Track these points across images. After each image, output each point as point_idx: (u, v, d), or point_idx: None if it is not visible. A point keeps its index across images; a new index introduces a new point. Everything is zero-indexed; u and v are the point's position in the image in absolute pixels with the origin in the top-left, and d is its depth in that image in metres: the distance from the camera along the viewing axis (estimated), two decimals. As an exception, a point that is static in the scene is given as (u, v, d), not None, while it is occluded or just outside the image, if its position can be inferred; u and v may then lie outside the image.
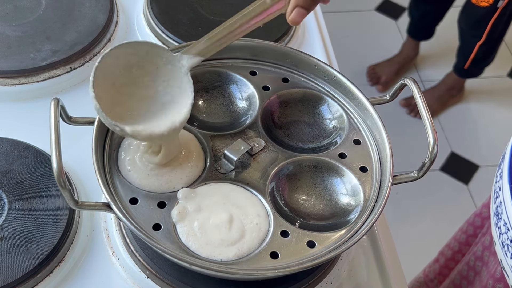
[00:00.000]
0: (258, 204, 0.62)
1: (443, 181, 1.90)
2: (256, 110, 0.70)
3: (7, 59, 0.80)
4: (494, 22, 1.73)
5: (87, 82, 0.83)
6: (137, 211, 0.60)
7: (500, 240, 0.60)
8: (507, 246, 0.58)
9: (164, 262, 0.64)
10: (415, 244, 1.67)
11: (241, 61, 0.74)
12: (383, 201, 0.61)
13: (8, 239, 0.64)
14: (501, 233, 0.60)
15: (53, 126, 0.57)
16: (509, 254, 0.58)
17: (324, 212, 0.65)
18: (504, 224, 0.58)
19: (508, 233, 0.58)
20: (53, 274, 0.64)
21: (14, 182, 0.69)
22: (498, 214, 0.61)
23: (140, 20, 0.92)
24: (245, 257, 0.59)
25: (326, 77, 0.72)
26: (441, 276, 1.13)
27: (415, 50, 2.14)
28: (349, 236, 0.60)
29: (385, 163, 0.65)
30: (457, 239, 1.06)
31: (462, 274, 0.97)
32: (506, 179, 0.58)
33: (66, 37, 0.84)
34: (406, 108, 2.05)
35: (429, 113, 0.63)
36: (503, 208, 0.59)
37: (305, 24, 0.96)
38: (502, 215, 0.59)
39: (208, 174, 0.64)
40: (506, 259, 0.59)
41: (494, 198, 0.62)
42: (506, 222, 0.58)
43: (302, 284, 0.65)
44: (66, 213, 0.67)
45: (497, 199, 0.61)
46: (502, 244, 0.59)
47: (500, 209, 0.60)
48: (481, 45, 1.81)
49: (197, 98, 0.72)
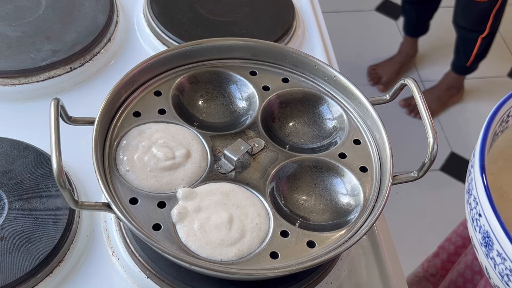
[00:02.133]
0: (258, 204, 0.63)
1: (443, 181, 1.90)
2: (256, 110, 0.70)
3: (7, 59, 0.80)
4: (495, 13, 1.74)
5: (87, 82, 0.84)
6: (137, 211, 0.60)
7: (470, 216, 0.62)
8: (476, 220, 0.60)
9: (164, 262, 0.64)
10: (415, 244, 1.67)
11: (241, 61, 0.74)
12: (383, 201, 0.61)
13: (8, 239, 0.64)
14: (471, 209, 0.62)
15: (53, 126, 0.57)
16: (477, 229, 0.60)
17: (324, 212, 0.65)
18: (474, 199, 0.60)
19: (477, 207, 0.59)
20: (53, 274, 0.64)
21: (14, 182, 0.69)
22: (469, 190, 0.63)
23: (140, 20, 0.92)
24: (245, 257, 0.59)
25: (326, 77, 0.72)
26: (444, 271, 1.13)
27: (414, 48, 2.14)
28: (349, 236, 0.60)
29: (385, 163, 0.65)
30: (459, 234, 1.06)
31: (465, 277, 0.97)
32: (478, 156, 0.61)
33: (66, 37, 0.84)
34: (406, 108, 2.06)
35: (429, 113, 0.63)
36: (473, 184, 0.61)
37: (305, 24, 0.96)
38: (472, 191, 0.61)
39: (208, 174, 0.64)
40: (475, 235, 0.61)
41: (467, 176, 0.64)
42: (476, 197, 0.60)
43: (302, 284, 0.65)
44: (66, 213, 0.67)
45: (469, 177, 0.63)
46: (472, 219, 0.61)
47: (471, 185, 0.62)
48: (484, 38, 1.82)
49: (197, 98, 0.72)
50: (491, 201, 0.57)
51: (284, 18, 0.92)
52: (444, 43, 2.19)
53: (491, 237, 0.57)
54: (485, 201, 0.58)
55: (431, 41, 2.15)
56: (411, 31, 2.09)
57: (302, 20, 0.96)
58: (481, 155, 0.61)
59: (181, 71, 0.72)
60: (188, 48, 0.71)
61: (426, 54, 2.21)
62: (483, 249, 0.60)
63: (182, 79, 0.71)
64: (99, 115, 0.63)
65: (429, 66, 2.20)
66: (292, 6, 0.94)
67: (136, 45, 0.90)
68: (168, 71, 0.71)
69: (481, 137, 0.63)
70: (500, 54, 1.98)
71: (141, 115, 0.68)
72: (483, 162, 0.60)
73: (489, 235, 0.58)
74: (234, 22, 0.91)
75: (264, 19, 0.92)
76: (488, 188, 0.58)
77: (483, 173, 0.59)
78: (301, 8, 0.99)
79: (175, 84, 0.71)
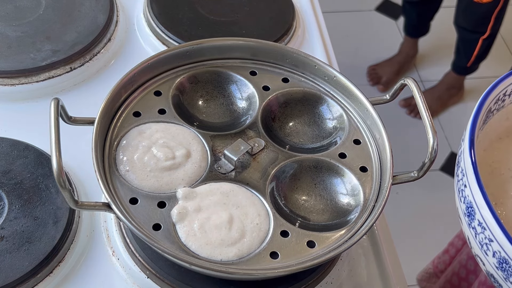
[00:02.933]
0: (258, 204, 0.63)
1: (443, 181, 1.90)
2: (256, 110, 0.70)
3: (7, 59, 0.80)
4: (497, 14, 1.74)
5: (87, 82, 0.84)
6: (137, 211, 0.60)
7: (457, 187, 0.64)
8: (461, 191, 0.62)
9: (164, 262, 0.64)
10: (415, 244, 1.67)
11: (241, 61, 0.74)
12: (383, 201, 0.61)
13: (8, 239, 0.64)
14: (458, 180, 0.64)
15: (53, 126, 0.57)
16: (462, 199, 0.62)
17: (324, 212, 0.65)
18: (461, 171, 0.62)
19: (464, 178, 0.61)
20: (53, 274, 0.64)
21: (14, 182, 0.69)
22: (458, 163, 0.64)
23: (140, 20, 0.92)
24: (245, 257, 0.59)
25: (326, 77, 0.72)
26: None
27: (414, 48, 2.14)
28: (349, 236, 0.60)
29: (385, 163, 0.65)
30: None
31: (460, 276, 0.98)
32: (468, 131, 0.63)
33: (66, 37, 0.84)
34: (406, 108, 2.06)
35: (429, 113, 0.63)
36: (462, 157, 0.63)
37: (305, 24, 0.96)
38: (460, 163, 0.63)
39: (208, 174, 0.64)
40: (460, 205, 0.63)
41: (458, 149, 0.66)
42: (463, 168, 0.62)
43: (302, 284, 0.65)
44: (66, 213, 0.67)
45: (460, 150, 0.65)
46: (458, 191, 0.63)
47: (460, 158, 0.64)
48: (484, 39, 1.82)
49: (197, 98, 0.72)
50: (476, 172, 0.59)
51: (284, 18, 0.92)
52: (445, 43, 2.19)
53: (473, 207, 0.59)
54: (470, 172, 0.59)
55: (432, 41, 2.15)
56: (411, 31, 2.09)
57: (302, 20, 0.96)
58: (472, 129, 0.62)
59: (181, 71, 0.72)
60: (188, 48, 0.71)
61: (426, 54, 2.21)
62: (466, 219, 0.61)
63: (182, 79, 0.71)
64: (99, 115, 0.63)
65: (429, 66, 2.20)
66: (292, 6, 0.94)
67: (136, 45, 0.90)
68: (168, 71, 0.71)
69: (474, 112, 0.64)
70: (500, 54, 1.98)
71: (141, 115, 0.68)
72: (472, 136, 0.62)
73: (472, 205, 0.59)
74: (234, 22, 0.91)
75: (264, 19, 0.92)
76: (474, 157, 0.60)
77: (471, 145, 0.61)
78: (301, 8, 0.99)
79: (175, 84, 0.71)
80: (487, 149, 0.71)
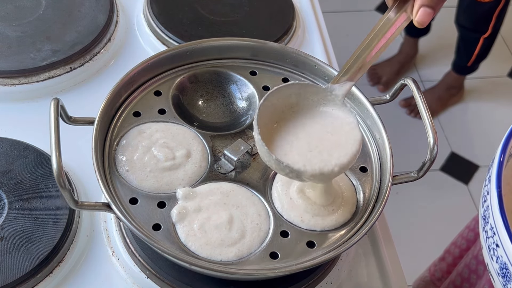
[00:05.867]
0: (258, 204, 0.63)
1: (443, 181, 1.90)
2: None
3: (7, 59, 0.80)
4: (498, 13, 1.74)
5: (87, 82, 0.84)
6: (137, 211, 0.60)
7: (487, 244, 0.59)
8: (493, 250, 0.58)
9: (164, 262, 0.64)
10: (415, 244, 1.67)
11: (241, 61, 0.74)
12: (383, 201, 0.61)
13: (8, 239, 0.64)
14: (487, 237, 0.59)
15: (53, 126, 0.57)
16: (494, 258, 0.58)
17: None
18: (491, 228, 0.58)
19: (494, 237, 0.57)
20: (53, 274, 0.64)
21: (14, 182, 0.69)
22: (485, 217, 0.60)
23: (140, 20, 0.92)
24: (245, 257, 0.59)
25: (326, 77, 0.72)
26: (449, 275, 1.12)
27: (414, 48, 2.14)
28: (349, 236, 0.60)
29: (385, 163, 0.65)
30: (464, 237, 1.05)
31: (463, 276, 0.97)
32: (494, 184, 0.58)
33: (66, 37, 0.84)
34: (406, 108, 2.05)
35: (429, 113, 0.63)
36: (490, 212, 0.58)
37: (305, 24, 0.96)
38: (489, 219, 0.58)
39: (208, 174, 0.64)
40: (492, 264, 0.59)
41: (483, 201, 0.61)
42: (493, 226, 0.57)
43: (302, 284, 0.65)
44: (66, 213, 0.67)
45: (485, 203, 0.60)
46: (488, 248, 0.59)
47: (487, 213, 0.59)
48: (486, 38, 1.82)
49: (197, 98, 0.72)
50: (510, 234, 0.54)
51: (284, 18, 0.92)
52: (445, 43, 2.18)
53: (509, 270, 0.55)
54: (503, 234, 0.55)
55: (432, 41, 2.15)
56: (411, 31, 2.09)
57: (302, 20, 0.96)
58: (498, 182, 0.56)
59: (181, 71, 0.72)
60: (188, 48, 0.71)
61: (427, 54, 2.21)
62: (500, 279, 0.58)
63: (182, 79, 0.71)
64: (99, 115, 0.63)
65: (429, 66, 2.20)
66: (292, 6, 0.94)
67: (136, 45, 0.90)
68: (168, 71, 0.71)
69: (497, 163, 0.58)
70: (500, 54, 1.98)
71: (141, 115, 0.68)
72: (500, 192, 0.56)
73: (507, 267, 0.55)
74: (234, 22, 0.91)
75: (264, 19, 0.92)
76: (506, 220, 0.55)
77: (501, 203, 0.55)
78: (301, 8, 0.99)
79: (175, 84, 0.71)
80: (506, 194, 0.65)
